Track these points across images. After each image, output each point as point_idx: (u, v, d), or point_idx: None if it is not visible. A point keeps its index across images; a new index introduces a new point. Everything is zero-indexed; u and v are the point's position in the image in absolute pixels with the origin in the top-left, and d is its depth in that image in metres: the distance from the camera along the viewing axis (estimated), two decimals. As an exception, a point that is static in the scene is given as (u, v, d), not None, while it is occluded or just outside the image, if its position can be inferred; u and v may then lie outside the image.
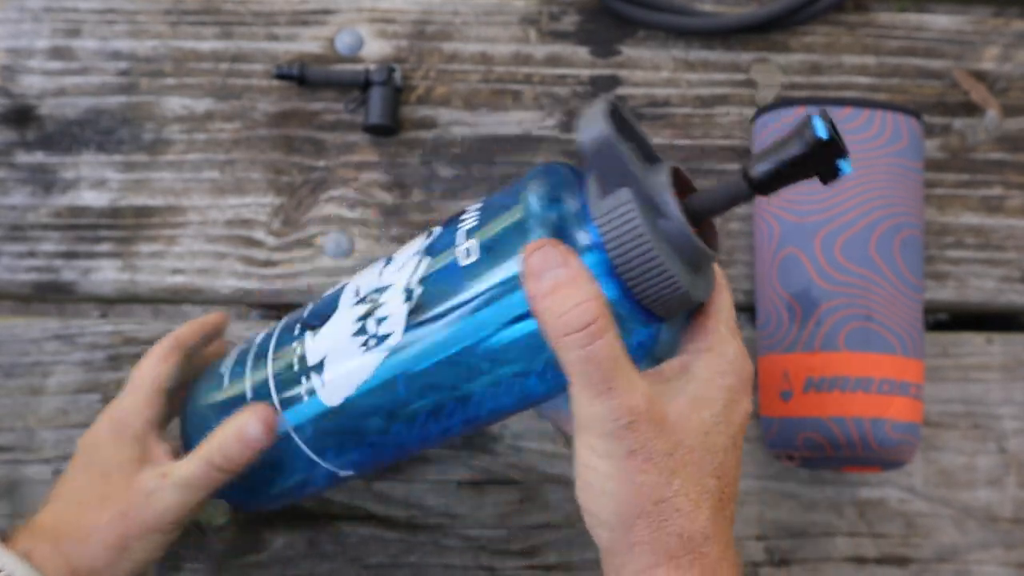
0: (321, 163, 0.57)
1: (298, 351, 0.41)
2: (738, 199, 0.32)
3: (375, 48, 0.59)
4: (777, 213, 0.52)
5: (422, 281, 0.37)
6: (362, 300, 0.39)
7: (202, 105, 0.58)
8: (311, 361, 0.40)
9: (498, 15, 0.60)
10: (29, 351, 0.54)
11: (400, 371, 0.37)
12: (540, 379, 0.35)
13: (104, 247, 0.56)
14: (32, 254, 0.56)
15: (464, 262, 0.35)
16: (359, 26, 0.59)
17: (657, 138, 0.58)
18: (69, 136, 0.57)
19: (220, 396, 0.43)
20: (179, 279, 0.55)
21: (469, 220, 0.36)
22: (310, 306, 0.43)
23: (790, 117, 0.52)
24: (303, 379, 0.40)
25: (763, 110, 0.54)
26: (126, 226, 0.56)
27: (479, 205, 0.37)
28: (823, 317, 0.49)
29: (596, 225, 0.32)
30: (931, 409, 0.55)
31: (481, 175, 0.57)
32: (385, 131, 0.57)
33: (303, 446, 0.41)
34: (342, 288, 0.41)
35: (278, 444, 0.41)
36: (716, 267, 0.36)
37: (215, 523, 0.52)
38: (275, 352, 0.42)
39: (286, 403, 0.41)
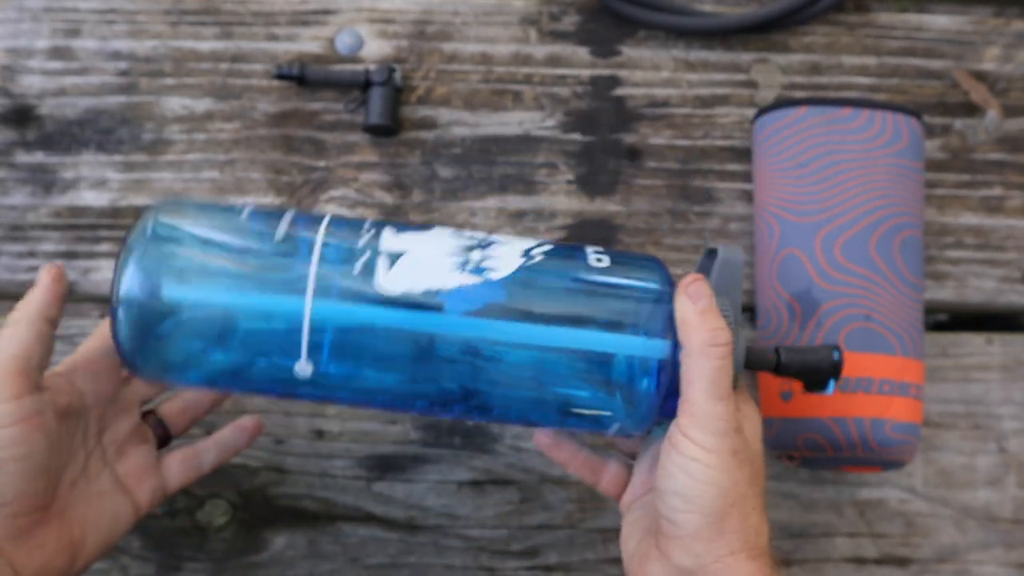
0: (321, 163, 0.57)
1: (369, 236, 0.38)
2: (761, 367, 0.43)
3: (375, 48, 0.59)
4: (777, 213, 0.52)
5: (546, 253, 0.40)
6: (470, 240, 0.40)
7: (202, 105, 0.58)
8: (385, 248, 0.38)
9: (498, 15, 0.60)
10: (29, 351, 0.54)
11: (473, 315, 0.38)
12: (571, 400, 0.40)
13: (104, 247, 0.56)
14: (32, 254, 0.56)
15: (594, 263, 0.41)
16: (359, 26, 0.59)
17: (657, 138, 0.58)
18: (69, 136, 0.57)
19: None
20: (179, 279, 0.55)
21: (594, 248, 0.42)
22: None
23: (790, 117, 0.52)
24: (366, 256, 0.38)
25: (763, 110, 0.54)
26: (126, 226, 0.56)
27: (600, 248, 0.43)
28: (823, 317, 0.49)
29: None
30: (931, 409, 0.55)
31: (481, 175, 0.57)
32: (385, 131, 0.57)
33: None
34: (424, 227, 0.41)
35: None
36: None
37: (215, 523, 0.52)
38: (331, 228, 0.39)
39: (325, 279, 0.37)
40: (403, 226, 0.40)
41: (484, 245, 0.40)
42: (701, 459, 0.38)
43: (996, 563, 0.53)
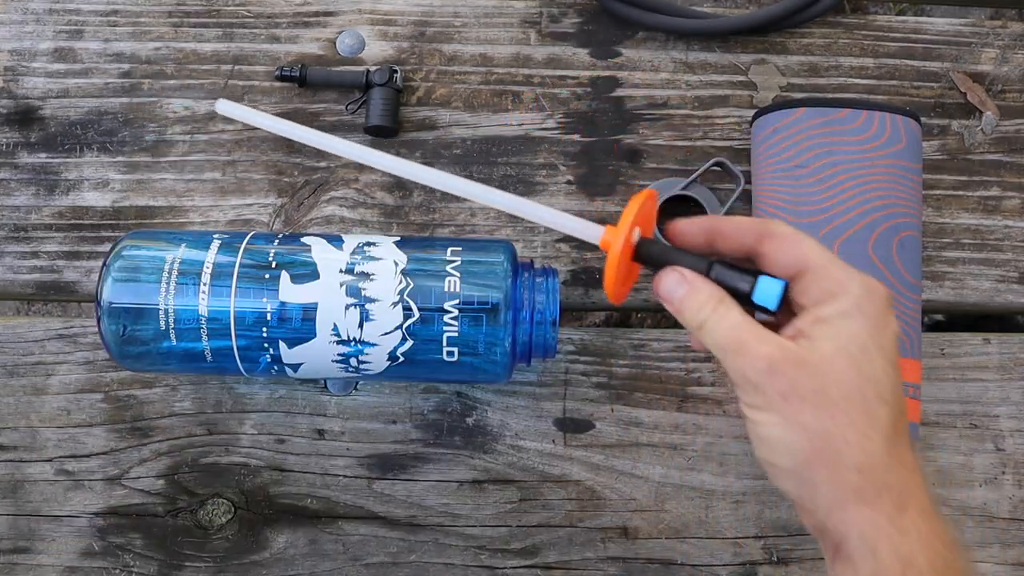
0: (322, 164, 0.57)
1: (269, 278, 0.47)
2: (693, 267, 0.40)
3: (376, 50, 0.59)
4: (776, 214, 0.52)
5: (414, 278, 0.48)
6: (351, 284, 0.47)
7: (204, 106, 0.58)
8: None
9: (498, 17, 0.60)
10: (32, 351, 0.54)
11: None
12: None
13: (106, 248, 0.56)
14: (35, 254, 0.56)
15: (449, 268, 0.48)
16: (360, 28, 0.59)
17: (656, 139, 0.58)
18: (72, 137, 0.57)
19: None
20: (181, 279, 0.56)
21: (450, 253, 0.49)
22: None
23: (789, 119, 0.53)
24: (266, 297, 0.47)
25: (762, 111, 0.54)
26: (128, 226, 0.56)
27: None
28: (821, 317, 0.49)
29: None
30: (928, 409, 0.55)
31: (481, 176, 0.57)
32: (386, 132, 0.57)
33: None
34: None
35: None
36: (803, 235, 0.38)
37: (217, 522, 0.52)
38: (244, 259, 0.48)
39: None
40: (298, 276, 0.47)
41: (362, 304, 0.46)
42: (759, 420, 0.35)
43: (993, 561, 0.53)
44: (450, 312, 0.46)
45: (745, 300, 0.38)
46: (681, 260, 0.38)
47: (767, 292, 0.37)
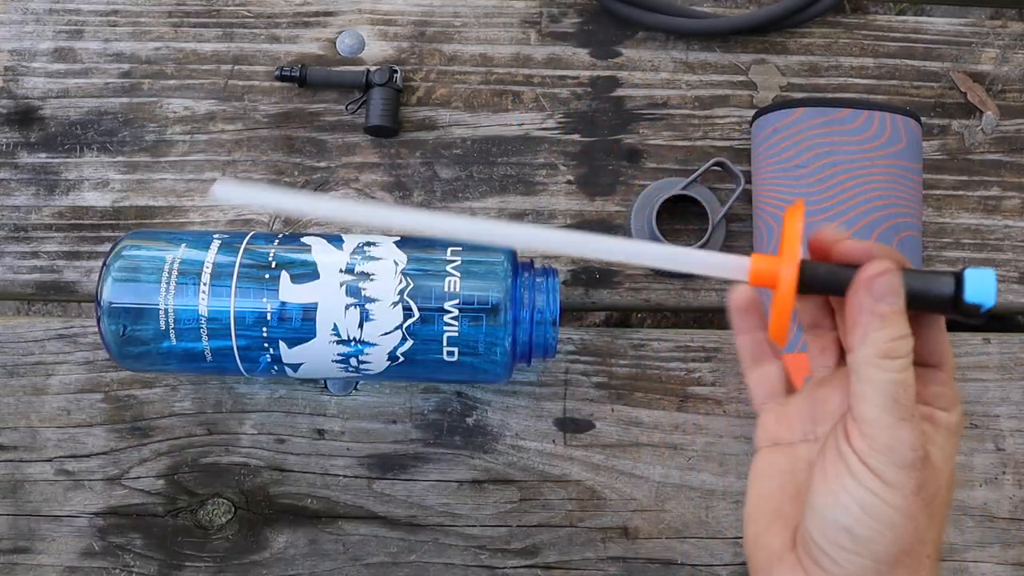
0: (322, 164, 0.57)
1: (269, 277, 0.47)
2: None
3: (376, 50, 0.59)
4: (776, 213, 0.52)
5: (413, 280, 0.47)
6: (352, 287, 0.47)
7: (204, 106, 0.58)
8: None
9: (498, 17, 0.60)
10: (32, 351, 0.54)
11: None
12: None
13: (106, 247, 0.56)
14: (35, 254, 0.56)
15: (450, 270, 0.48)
16: (360, 28, 0.59)
17: (656, 139, 0.58)
18: (72, 137, 0.57)
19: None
20: (181, 279, 0.56)
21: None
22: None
23: (789, 118, 0.53)
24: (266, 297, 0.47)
25: (762, 111, 0.54)
26: (128, 226, 0.56)
27: None
28: (821, 317, 0.49)
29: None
30: (929, 409, 0.55)
31: (481, 176, 0.57)
32: (386, 132, 0.57)
33: None
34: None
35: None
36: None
37: (217, 522, 0.52)
38: (244, 259, 0.48)
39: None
40: (298, 276, 0.47)
41: (362, 304, 0.46)
42: (881, 495, 0.32)
43: (993, 561, 0.53)
44: (450, 312, 0.46)
45: (938, 305, 0.32)
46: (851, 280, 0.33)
47: (982, 285, 0.31)
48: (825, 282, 0.33)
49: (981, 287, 0.31)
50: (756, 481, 0.38)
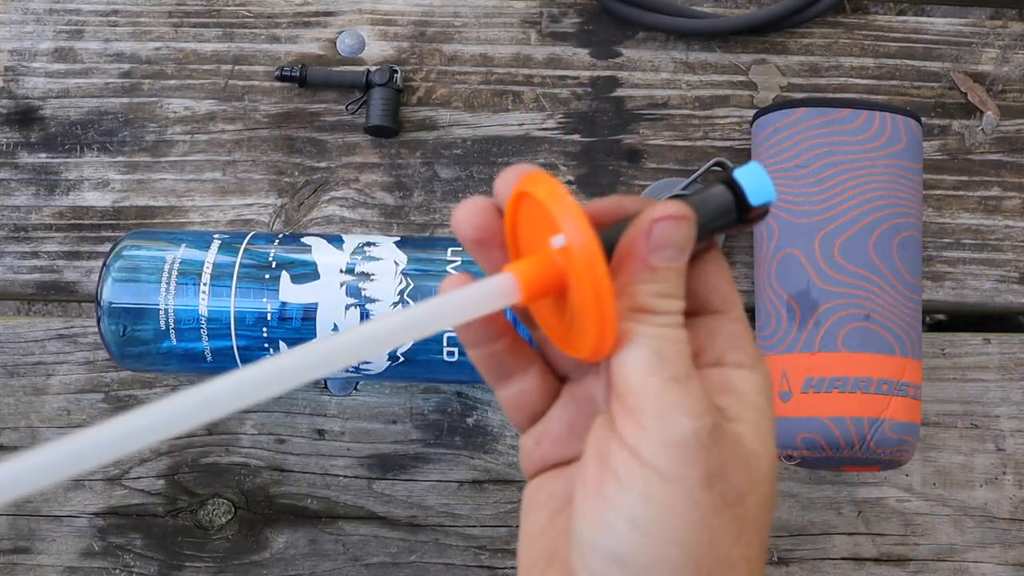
0: (322, 164, 0.57)
1: (269, 278, 0.47)
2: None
3: (376, 49, 0.59)
4: (776, 214, 0.52)
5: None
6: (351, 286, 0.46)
7: (204, 106, 0.58)
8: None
9: (498, 17, 0.60)
10: (32, 351, 0.54)
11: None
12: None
13: (107, 248, 0.56)
14: (35, 254, 0.56)
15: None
16: (360, 28, 0.59)
17: (656, 140, 0.58)
18: (72, 137, 0.57)
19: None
20: (181, 279, 0.56)
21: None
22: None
23: (789, 118, 0.53)
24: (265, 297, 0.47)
25: (762, 111, 0.54)
26: (129, 227, 0.56)
27: None
28: (822, 317, 0.49)
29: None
30: (929, 409, 0.55)
31: (482, 176, 0.57)
32: (386, 132, 0.57)
33: None
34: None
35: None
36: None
37: (217, 522, 0.52)
38: (244, 260, 0.48)
39: None
40: (298, 277, 0.46)
41: (363, 302, 0.46)
42: (657, 497, 0.23)
43: (994, 562, 0.53)
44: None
45: (724, 224, 0.27)
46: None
47: (758, 184, 0.27)
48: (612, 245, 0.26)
49: (759, 186, 0.27)
50: (525, 517, 0.29)
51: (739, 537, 0.24)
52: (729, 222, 0.27)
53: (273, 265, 0.47)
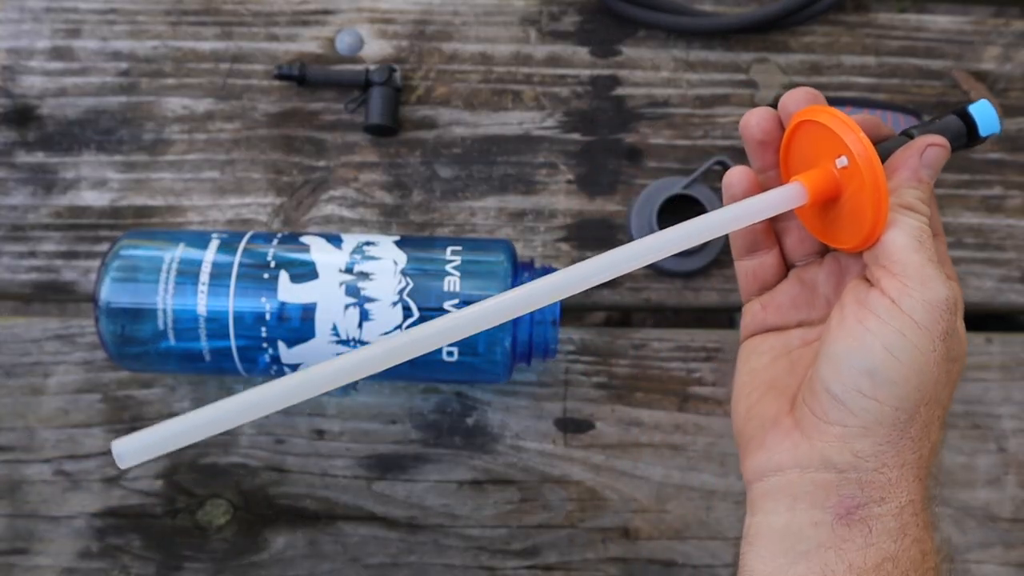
0: (321, 163, 0.57)
1: (268, 278, 0.47)
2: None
3: (375, 48, 0.59)
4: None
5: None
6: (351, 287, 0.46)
7: (202, 105, 0.58)
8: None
9: (498, 15, 0.60)
10: (30, 351, 0.54)
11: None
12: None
13: (104, 247, 0.56)
14: (33, 254, 0.56)
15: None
16: (359, 26, 0.59)
17: (657, 138, 0.58)
18: (69, 136, 0.57)
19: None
20: (179, 279, 0.55)
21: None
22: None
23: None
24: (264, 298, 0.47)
25: (763, 110, 0.54)
26: (126, 226, 0.56)
27: None
28: (823, 317, 0.49)
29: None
30: (931, 409, 0.55)
31: (481, 175, 0.57)
32: (385, 131, 0.57)
33: None
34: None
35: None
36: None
37: (216, 523, 0.52)
38: (242, 259, 0.47)
39: None
40: (297, 276, 0.46)
41: (362, 302, 0.46)
42: (910, 335, 0.31)
43: (996, 562, 0.53)
44: (450, 312, 0.46)
45: (957, 147, 0.36)
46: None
47: (988, 119, 0.36)
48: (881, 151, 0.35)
49: (988, 120, 0.36)
50: (747, 359, 0.38)
51: (947, 385, 0.33)
52: (959, 146, 0.36)
53: (272, 265, 0.46)
